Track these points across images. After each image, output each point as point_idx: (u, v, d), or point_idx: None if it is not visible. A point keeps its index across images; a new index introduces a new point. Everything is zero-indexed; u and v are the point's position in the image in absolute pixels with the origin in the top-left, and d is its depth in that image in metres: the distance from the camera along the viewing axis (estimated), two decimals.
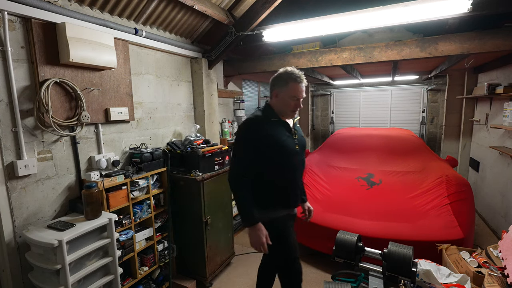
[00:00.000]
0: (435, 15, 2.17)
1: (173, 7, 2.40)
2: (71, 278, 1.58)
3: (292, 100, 1.59)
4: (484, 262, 1.84)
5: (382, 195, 3.17)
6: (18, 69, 1.65)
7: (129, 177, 2.11)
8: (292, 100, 1.59)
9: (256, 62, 3.58)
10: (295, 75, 1.57)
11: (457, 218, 2.60)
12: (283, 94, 1.59)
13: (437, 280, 1.72)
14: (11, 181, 1.64)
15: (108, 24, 2.05)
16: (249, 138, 1.56)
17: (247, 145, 1.56)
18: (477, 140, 4.37)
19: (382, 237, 2.51)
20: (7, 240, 1.63)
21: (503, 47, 2.44)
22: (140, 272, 2.24)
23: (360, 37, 3.32)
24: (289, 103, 1.59)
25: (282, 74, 1.60)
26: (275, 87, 1.63)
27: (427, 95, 5.43)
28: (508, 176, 3.22)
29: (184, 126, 3.05)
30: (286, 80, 1.58)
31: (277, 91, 1.61)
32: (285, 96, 1.59)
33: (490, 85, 3.32)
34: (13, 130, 1.63)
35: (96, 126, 2.10)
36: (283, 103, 1.60)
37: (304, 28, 2.59)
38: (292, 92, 1.57)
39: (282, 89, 1.59)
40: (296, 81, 1.57)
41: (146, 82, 2.54)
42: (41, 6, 1.67)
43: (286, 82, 1.57)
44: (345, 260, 1.66)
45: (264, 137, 1.54)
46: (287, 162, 1.61)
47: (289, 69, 1.59)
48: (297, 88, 1.57)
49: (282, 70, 1.61)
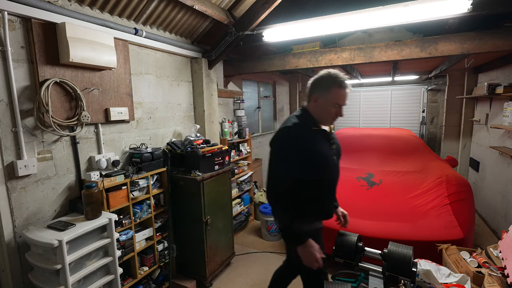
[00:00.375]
0: (435, 15, 2.17)
1: (173, 7, 2.40)
2: (71, 278, 1.58)
3: (334, 107, 1.43)
4: (484, 262, 1.84)
5: (382, 195, 3.17)
6: (18, 69, 1.65)
7: (129, 177, 2.11)
8: (334, 107, 1.43)
9: (256, 62, 3.58)
10: (339, 79, 1.40)
11: (457, 218, 2.60)
12: (324, 99, 1.43)
13: (437, 280, 1.72)
14: (11, 181, 1.63)
15: (108, 24, 2.05)
16: (289, 149, 1.39)
17: (288, 158, 1.39)
18: (477, 140, 4.37)
19: (382, 237, 2.51)
20: (7, 240, 1.63)
21: (503, 47, 2.44)
22: (140, 272, 2.24)
23: (360, 37, 3.32)
24: (330, 110, 1.44)
25: (324, 77, 1.44)
26: (315, 91, 1.46)
27: (427, 95, 5.43)
28: (508, 176, 3.22)
29: (184, 126, 3.05)
30: (329, 84, 1.41)
31: (317, 95, 1.45)
32: (326, 102, 1.43)
33: (490, 85, 3.32)
34: (13, 130, 1.63)
35: (96, 126, 2.10)
36: (323, 110, 1.45)
37: (304, 28, 2.59)
38: (334, 99, 1.42)
39: (324, 94, 1.43)
40: (341, 87, 1.40)
41: (146, 82, 2.54)
42: (41, 6, 1.67)
43: (329, 86, 1.41)
44: (345, 260, 1.66)
45: (305, 149, 1.39)
46: (326, 175, 1.50)
47: (332, 72, 1.42)
48: (341, 94, 1.42)
49: (325, 73, 1.44)
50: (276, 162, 1.44)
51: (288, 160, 1.39)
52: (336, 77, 1.40)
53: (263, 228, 3.58)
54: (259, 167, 4.71)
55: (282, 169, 1.41)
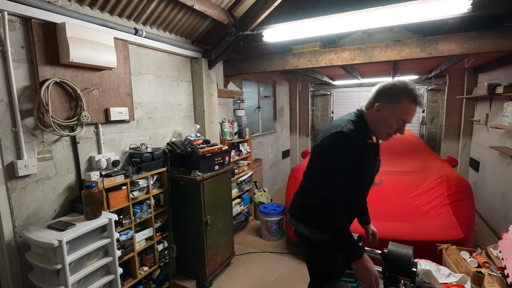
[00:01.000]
0: (435, 15, 2.17)
1: (173, 7, 2.40)
2: (71, 278, 1.58)
3: (398, 122, 1.24)
4: (484, 262, 1.84)
5: (382, 195, 3.17)
6: (18, 69, 1.65)
7: (129, 177, 2.11)
8: (397, 123, 1.25)
9: (256, 62, 3.58)
10: (414, 93, 1.20)
11: (457, 218, 2.60)
12: (389, 111, 1.24)
13: (437, 280, 1.72)
14: (11, 181, 1.63)
15: (108, 24, 2.05)
16: (343, 159, 1.21)
17: (340, 168, 1.21)
18: (477, 140, 4.37)
19: (382, 237, 2.50)
20: (7, 240, 1.63)
21: (503, 47, 2.44)
22: (140, 272, 2.24)
23: (360, 37, 3.32)
24: (392, 124, 1.25)
25: (398, 86, 1.23)
26: (382, 99, 1.26)
27: (427, 95, 5.43)
28: (508, 176, 3.22)
29: (184, 126, 3.05)
30: (401, 95, 1.21)
31: (382, 104, 1.25)
32: (390, 114, 1.24)
33: (490, 85, 3.32)
34: (13, 130, 1.63)
35: (96, 126, 2.10)
36: (384, 122, 1.26)
37: (304, 28, 2.59)
38: (403, 114, 1.22)
39: (391, 104, 1.23)
40: (414, 102, 1.21)
41: (146, 82, 2.54)
42: (41, 6, 1.67)
43: (401, 98, 1.21)
44: None
45: (358, 162, 1.23)
46: (364, 190, 1.44)
47: (408, 83, 1.23)
48: (411, 111, 1.23)
49: (400, 82, 1.24)
50: (326, 172, 1.24)
51: (341, 170, 1.22)
52: (412, 90, 1.21)
53: (263, 228, 3.58)
54: (259, 167, 4.71)
55: (334, 182, 1.22)
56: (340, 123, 1.28)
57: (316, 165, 1.30)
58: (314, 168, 1.32)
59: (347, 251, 1.25)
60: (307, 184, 1.36)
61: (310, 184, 1.33)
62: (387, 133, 1.30)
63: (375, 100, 1.29)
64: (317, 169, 1.29)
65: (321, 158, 1.28)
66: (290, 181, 3.75)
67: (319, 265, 1.52)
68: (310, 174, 1.34)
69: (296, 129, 6.41)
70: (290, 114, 6.40)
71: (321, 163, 1.27)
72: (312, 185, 1.30)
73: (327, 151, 1.25)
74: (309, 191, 1.31)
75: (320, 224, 1.28)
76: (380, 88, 1.29)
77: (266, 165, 5.23)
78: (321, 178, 1.25)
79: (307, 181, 1.38)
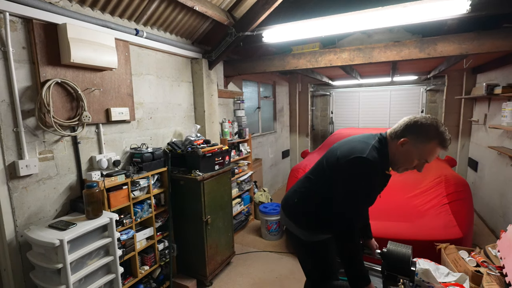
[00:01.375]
0: (434, 16, 2.18)
1: (173, 8, 2.41)
2: (72, 277, 1.59)
3: (420, 160, 1.23)
4: (482, 262, 1.85)
5: (381, 194, 3.18)
6: (20, 69, 1.66)
7: (130, 177, 2.12)
8: (419, 160, 1.23)
9: (256, 63, 3.59)
10: (444, 137, 1.19)
11: (456, 218, 2.61)
12: (414, 148, 1.21)
13: (435, 279, 1.73)
14: (12, 181, 1.64)
15: (109, 25, 2.06)
16: (368, 181, 1.24)
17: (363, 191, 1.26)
18: (475, 140, 4.39)
19: (381, 236, 2.52)
20: (9, 239, 1.64)
21: (501, 47, 2.45)
22: (140, 271, 2.25)
23: (360, 37, 3.33)
24: (413, 161, 1.24)
25: (429, 125, 1.19)
26: (410, 135, 1.22)
27: (426, 95, 5.45)
28: (506, 176, 3.23)
29: (184, 126, 3.06)
30: (431, 136, 1.19)
31: (409, 139, 1.22)
32: (415, 152, 1.22)
33: (489, 85, 3.34)
34: (15, 130, 1.64)
35: (97, 126, 2.10)
36: (405, 157, 1.25)
37: (303, 29, 2.60)
38: (427, 154, 1.21)
39: (419, 143, 1.21)
40: (442, 145, 1.20)
41: (146, 83, 2.55)
42: (42, 7, 1.68)
43: (430, 138, 1.19)
44: None
45: (370, 186, 1.29)
46: (367, 206, 1.50)
47: (439, 124, 1.20)
48: (436, 153, 1.23)
49: (432, 121, 1.20)
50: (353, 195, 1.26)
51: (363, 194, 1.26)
52: (443, 133, 1.18)
53: (263, 227, 3.59)
54: (259, 167, 4.72)
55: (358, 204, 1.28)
56: (364, 146, 1.25)
57: (341, 186, 1.29)
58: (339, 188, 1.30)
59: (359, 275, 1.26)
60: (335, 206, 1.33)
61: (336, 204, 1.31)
62: (403, 168, 1.29)
63: (402, 133, 1.24)
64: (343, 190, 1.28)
65: (346, 181, 1.27)
66: (289, 181, 3.76)
67: (310, 264, 1.55)
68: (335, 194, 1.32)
69: (295, 129, 6.42)
70: (290, 114, 6.41)
71: (345, 185, 1.27)
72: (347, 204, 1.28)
73: (353, 174, 1.25)
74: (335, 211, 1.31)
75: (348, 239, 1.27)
76: (410, 123, 1.24)
77: (266, 165, 5.24)
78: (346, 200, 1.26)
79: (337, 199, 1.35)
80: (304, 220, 1.48)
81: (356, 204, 1.27)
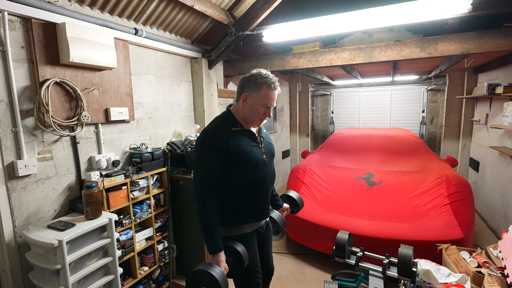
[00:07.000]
0: (435, 16, 2.17)
1: (173, 7, 2.40)
2: (71, 278, 1.58)
3: (263, 107, 1.42)
4: (484, 262, 1.84)
5: (382, 195, 3.17)
6: (18, 69, 1.65)
7: (129, 177, 2.11)
8: (263, 108, 1.42)
9: (256, 62, 3.58)
10: (269, 80, 1.40)
11: (457, 218, 2.60)
12: (253, 99, 1.41)
13: (437, 280, 1.72)
14: (11, 181, 1.64)
15: (108, 24, 2.05)
16: (207, 152, 1.39)
17: (205, 161, 1.39)
18: (477, 140, 4.37)
19: (382, 237, 2.52)
20: (7, 240, 1.63)
21: (503, 47, 2.44)
22: (140, 272, 2.24)
23: (360, 37, 3.32)
24: (259, 110, 1.42)
25: (256, 76, 1.41)
26: (246, 89, 1.43)
27: (427, 95, 5.43)
28: (508, 176, 3.22)
29: (184, 126, 3.05)
30: (259, 84, 1.39)
31: (247, 94, 1.42)
32: (255, 102, 1.41)
33: (490, 85, 3.32)
34: (13, 130, 1.63)
35: (96, 126, 2.10)
36: (251, 110, 1.43)
37: (304, 28, 2.59)
38: (264, 99, 1.40)
39: (254, 93, 1.41)
40: (271, 88, 1.41)
41: (146, 82, 2.54)
42: (41, 6, 1.67)
43: (260, 86, 1.39)
44: (345, 260, 1.66)
45: (225, 150, 1.37)
46: (255, 175, 1.46)
47: (263, 72, 1.42)
48: (271, 95, 1.42)
49: (256, 72, 1.43)
50: (197, 167, 1.43)
51: (206, 162, 1.39)
52: (267, 77, 1.40)
53: None
54: None
55: (203, 173, 1.40)
56: (210, 123, 1.49)
57: (194, 161, 1.45)
58: (194, 164, 1.47)
59: (207, 241, 1.38)
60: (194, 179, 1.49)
61: (194, 177, 1.46)
62: (257, 118, 1.45)
63: (241, 91, 1.45)
64: (195, 163, 1.45)
65: (195, 153, 1.45)
66: (290, 181, 3.75)
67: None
68: (194, 170, 1.49)
69: (296, 129, 6.41)
70: (290, 114, 6.40)
71: (196, 158, 1.44)
72: (195, 177, 1.44)
73: (197, 148, 1.44)
74: (194, 182, 1.45)
75: (196, 207, 1.41)
76: (243, 80, 1.45)
77: None
78: (198, 169, 1.42)
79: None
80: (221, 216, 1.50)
81: (200, 176, 1.40)
